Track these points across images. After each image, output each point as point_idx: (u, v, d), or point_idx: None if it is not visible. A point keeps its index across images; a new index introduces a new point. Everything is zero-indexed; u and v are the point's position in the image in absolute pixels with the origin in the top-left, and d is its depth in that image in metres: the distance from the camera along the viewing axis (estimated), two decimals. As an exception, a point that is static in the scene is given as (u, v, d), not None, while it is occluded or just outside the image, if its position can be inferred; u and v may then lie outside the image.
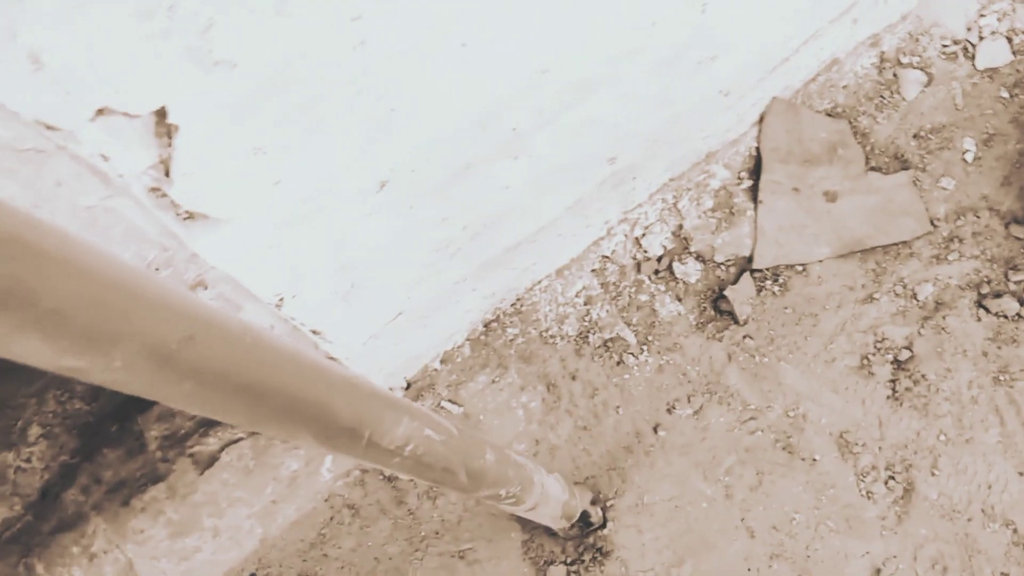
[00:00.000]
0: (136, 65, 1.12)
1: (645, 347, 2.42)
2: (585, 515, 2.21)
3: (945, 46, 2.55)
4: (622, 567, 2.24)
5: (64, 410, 2.59)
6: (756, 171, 2.48)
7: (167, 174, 1.33)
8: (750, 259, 2.43)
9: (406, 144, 1.60)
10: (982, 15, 2.53)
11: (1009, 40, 2.53)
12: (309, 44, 1.26)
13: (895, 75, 2.54)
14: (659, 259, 2.47)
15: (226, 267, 1.58)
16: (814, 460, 2.30)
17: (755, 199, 2.46)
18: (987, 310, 2.33)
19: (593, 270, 2.47)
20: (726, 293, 2.39)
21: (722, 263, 2.45)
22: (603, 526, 2.28)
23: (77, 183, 1.33)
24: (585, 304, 2.46)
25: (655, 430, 2.36)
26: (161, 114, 1.21)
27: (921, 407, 2.28)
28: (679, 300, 2.45)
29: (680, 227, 2.47)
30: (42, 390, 2.65)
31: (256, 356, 0.79)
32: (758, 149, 2.49)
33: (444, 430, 1.17)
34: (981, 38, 2.53)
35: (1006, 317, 2.32)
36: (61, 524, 2.35)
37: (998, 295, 2.33)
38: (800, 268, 2.44)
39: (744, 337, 2.40)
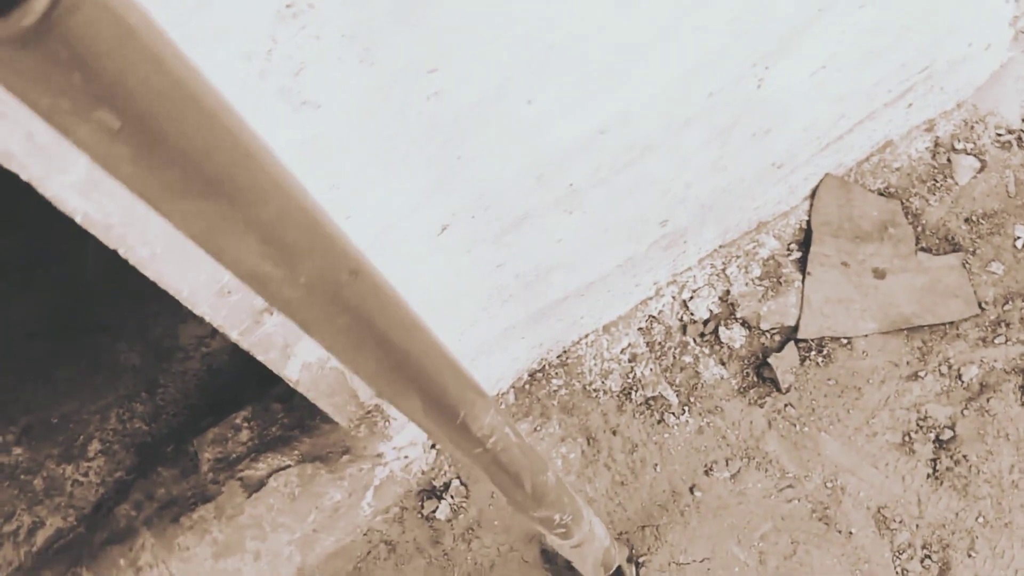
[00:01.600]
0: (232, 99, 1.24)
1: (686, 408, 2.46)
2: (619, 571, 2.23)
3: (999, 135, 2.60)
4: (650, 624, 2.26)
5: (125, 428, 2.71)
6: (805, 244, 2.54)
7: (249, 202, 1.44)
8: (795, 329, 2.48)
9: (469, 192, 1.70)
10: (1038, 106, 2.58)
11: (1065, 132, 2.57)
12: (387, 92, 1.37)
13: (949, 160, 2.60)
14: (705, 323, 2.52)
15: (293, 294, 1.69)
16: (850, 533, 2.30)
17: (803, 270, 2.51)
18: (1032, 396, 2.33)
19: (640, 328, 2.53)
20: (770, 360, 2.43)
21: (767, 331, 2.50)
22: (634, 584, 2.30)
23: (167, 205, 1.46)
24: (630, 361, 2.52)
25: (691, 490, 2.39)
26: (250, 146, 1.33)
27: (961, 488, 2.28)
28: (723, 364, 2.50)
29: (727, 293, 2.52)
30: (105, 408, 2.78)
31: (395, 310, 0.85)
32: (809, 222, 2.55)
33: (519, 434, 1.24)
34: (1036, 129, 2.58)
35: (1052, 404, 2.32)
36: (112, 537, 2.45)
37: (1044, 382, 2.34)
38: (845, 341, 2.47)
39: (785, 405, 2.43)
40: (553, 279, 2.16)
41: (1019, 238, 2.49)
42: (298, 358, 1.98)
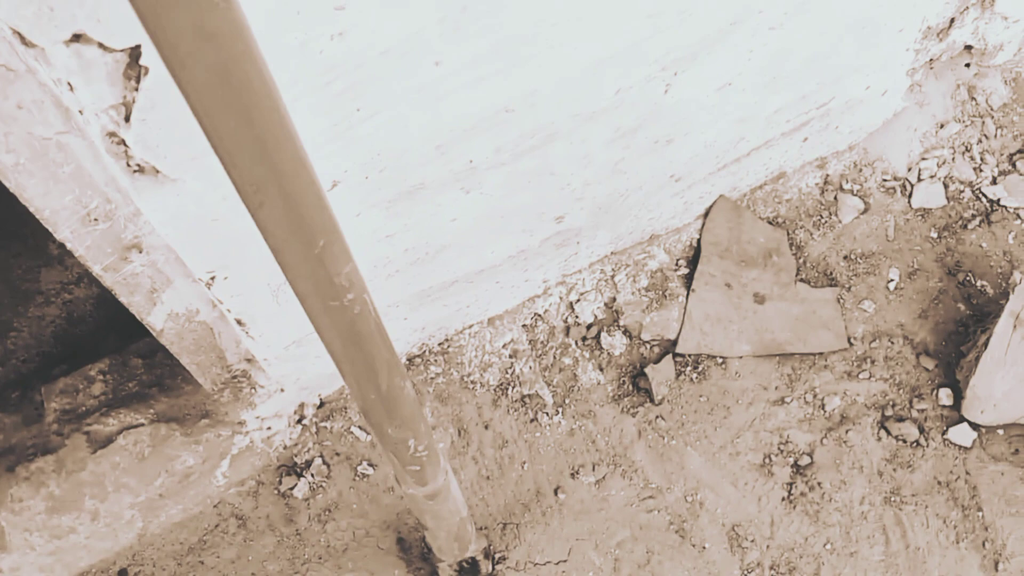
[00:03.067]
0: None
1: (560, 409, 2.46)
2: (474, 562, 2.20)
3: (885, 180, 2.71)
4: (498, 620, 2.23)
5: (-33, 370, 2.53)
6: (694, 261, 2.59)
7: (127, 119, 1.36)
8: (674, 343, 2.51)
9: (365, 149, 1.66)
10: (924, 158, 2.71)
11: (945, 186, 2.70)
12: (290, 20, 1.32)
13: (835, 198, 2.69)
14: (589, 327, 2.53)
15: (165, 230, 1.61)
16: (704, 548, 2.33)
17: (688, 287, 2.55)
18: (888, 432, 2.42)
19: (524, 325, 2.52)
20: (646, 371, 2.45)
21: (648, 342, 2.52)
22: (488, 579, 2.27)
23: (37, 111, 1.36)
24: (511, 357, 2.50)
25: (556, 492, 2.38)
26: (134, 54, 1.25)
27: (813, 514, 2.34)
28: (601, 370, 2.51)
29: (613, 300, 2.54)
30: (-51, 347, 2.59)
31: (268, 82, 0.78)
32: (699, 241, 2.60)
33: (379, 319, 1.14)
34: (920, 179, 2.70)
35: (905, 442, 2.41)
36: (-64, 482, 2.27)
37: (900, 419, 2.43)
38: (720, 360, 2.52)
39: (656, 417, 2.46)
40: (443, 260, 2.13)
41: (892, 280, 2.59)
42: (165, 306, 1.88)
